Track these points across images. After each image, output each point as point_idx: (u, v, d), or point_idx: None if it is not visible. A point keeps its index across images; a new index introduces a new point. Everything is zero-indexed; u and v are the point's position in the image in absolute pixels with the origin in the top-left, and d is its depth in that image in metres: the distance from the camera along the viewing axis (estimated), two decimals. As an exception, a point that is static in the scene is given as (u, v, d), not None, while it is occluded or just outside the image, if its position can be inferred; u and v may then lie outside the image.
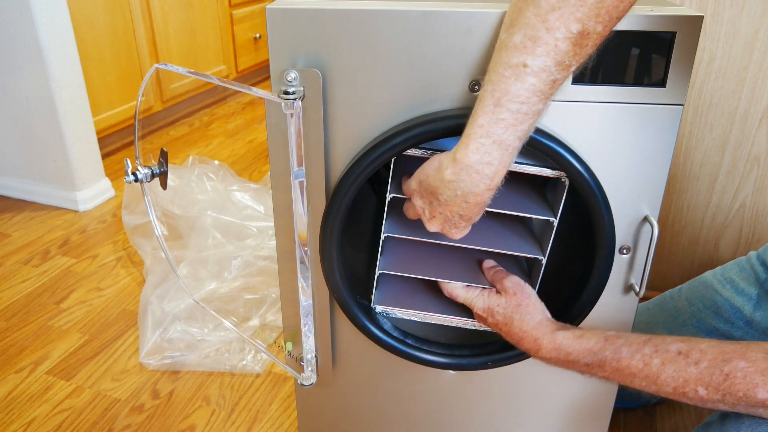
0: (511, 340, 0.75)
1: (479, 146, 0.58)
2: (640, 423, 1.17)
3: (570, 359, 0.68)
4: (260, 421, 1.19)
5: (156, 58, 2.47)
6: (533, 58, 0.54)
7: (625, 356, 0.64)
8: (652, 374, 0.61)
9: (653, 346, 0.62)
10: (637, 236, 0.74)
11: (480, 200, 0.62)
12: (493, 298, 0.77)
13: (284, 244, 0.81)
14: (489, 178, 0.59)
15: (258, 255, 1.56)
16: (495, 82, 0.56)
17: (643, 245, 0.74)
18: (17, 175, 2.06)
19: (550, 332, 0.71)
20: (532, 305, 0.74)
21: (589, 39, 0.54)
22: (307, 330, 0.84)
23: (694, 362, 0.59)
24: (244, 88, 0.71)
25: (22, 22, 1.75)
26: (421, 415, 0.94)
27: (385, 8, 0.65)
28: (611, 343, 0.65)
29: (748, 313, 0.94)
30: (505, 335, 0.75)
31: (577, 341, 0.68)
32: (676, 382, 0.60)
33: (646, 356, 0.62)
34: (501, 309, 0.75)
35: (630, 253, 0.75)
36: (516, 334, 0.73)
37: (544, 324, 0.72)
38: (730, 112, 1.23)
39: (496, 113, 0.56)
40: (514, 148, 0.59)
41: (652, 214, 0.72)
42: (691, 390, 0.59)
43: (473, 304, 0.78)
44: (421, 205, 0.67)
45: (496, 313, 0.76)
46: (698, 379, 0.58)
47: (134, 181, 0.82)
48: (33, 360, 1.35)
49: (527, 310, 0.74)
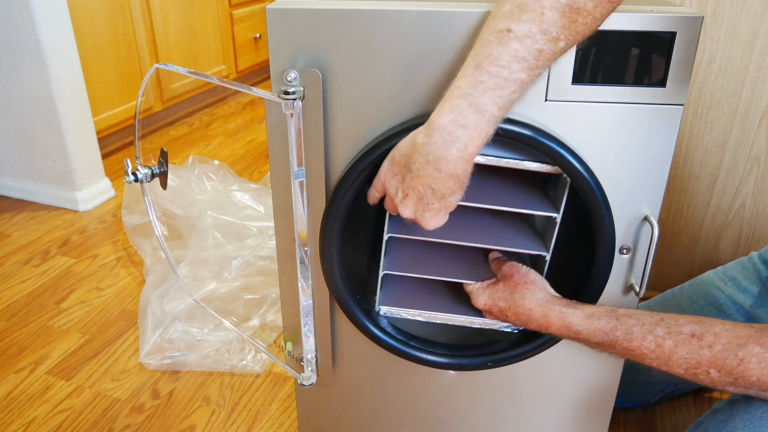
0: (521, 324, 0.73)
1: (454, 107, 0.57)
2: (640, 422, 1.17)
3: (580, 338, 0.67)
4: (260, 421, 1.19)
5: (156, 58, 2.47)
6: (518, 23, 0.54)
7: (636, 336, 0.62)
8: (664, 355, 0.61)
9: (666, 327, 0.61)
10: (637, 236, 0.74)
11: (453, 170, 0.59)
12: (492, 288, 0.76)
13: (284, 244, 0.81)
14: (462, 143, 0.57)
15: (258, 255, 1.56)
16: (478, 47, 0.56)
17: (643, 245, 0.74)
18: (17, 175, 2.06)
19: (558, 309, 0.69)
20: (530, 282, 0.73)
21: (579, 15, 0.54)
22: (307, 330, 0.84)
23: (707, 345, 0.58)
24: (244, 88, 0.71)
25: (22, 22, 1.75)
26: (421, 415, 0.94)
27: (385, 8, 0.65)
28: (622, 323, 0.64)
29: (750, 310, 0.94)
30: (514, 321, 0.73)
31: (587, 320, 0.66)
32: (689, 363, 0.60)
33: (658, 338, 0.61)
34: (501, 294, 0.74)
35: (630, 253, 0.75)
36: (523, 315, 0.71)
37: (548, 300, 0.70)
38: (730, 112, 1.23)
39: (475, 76, 0.56)
40: (491, 115, 0.57)
41: (652, 214, 0.72)
42: (702, 372, 0.59)
43: (475, 298, 0.77)
44: (394, 185, 0.64)
45: (499, 300, 0.74)
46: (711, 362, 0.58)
47: (134, 181, 0.82)
48: (33, 360, 1.35)
49: (526, 287, 0.73)
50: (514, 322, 0.74)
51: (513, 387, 0.89)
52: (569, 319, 0.67)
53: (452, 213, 0.81)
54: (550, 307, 0.70)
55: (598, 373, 0.86)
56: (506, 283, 0.75)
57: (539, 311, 0.70)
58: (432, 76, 0.67)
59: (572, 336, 0.68)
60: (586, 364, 0.85)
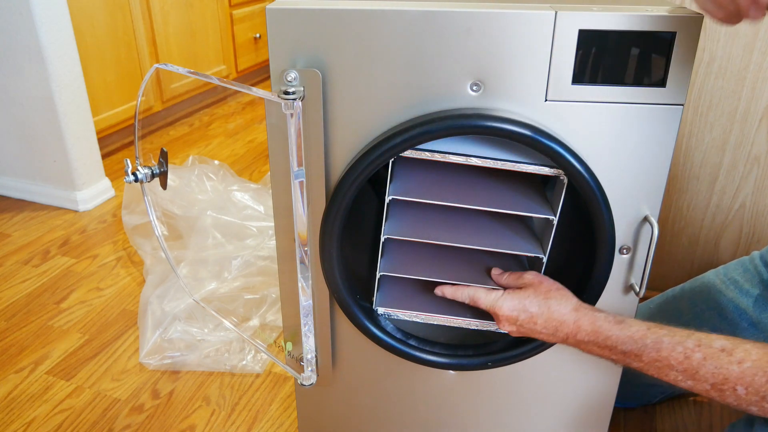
0: (547, 332, 0.72)
1: None
2: (641, 423, 1.17)
3: (608, 344, 0.66)
4: (260, 421, 1.19)
5: (156, 58, 2.47)
6: None
7: (666, 346, 0.62)
8: (691, 368, 0.60)
9: (696, 340, 0.61)
10: (637, 236, 0.74)
11: None
12: (520, 294, 0.74)
13: (284, 244, 0.81)
14: None
15: (258, 255, 1.56)
16: None
17: (643, 245, 0.74)
18: (17, 175, 2.06)
19: (591, 313, 0.69)
20: (562, 289, 0.73)
21: None
22: (307, 330, 0.84)
23: (737, 361, 0.58)
24: (244, 88, 0.71)
25: (22, 22, 1.75)
26: (421, 415, 0.94)
27: (385, 8, 0.65)
28: (653, 332, 0.64)
29: (753, 314, 0.93)
30: (543, 327, 0.72)
31: (617, 326, 0.67)
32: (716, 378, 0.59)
33: (688, 349, 0.61)
34: (533, 299, 0.73)
35: (630, 253, 0.75)
36: (556, 320, 0.71)
37: (582, 306, 0.71)
38: (730, 112, 1.23)
39: None
40: None
41: (652, 214, 0.72)
42: (729, 388, 0.59)
43: (500, 305, 0.75)
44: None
45: (530, 305, 0.73)
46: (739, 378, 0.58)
47: (134, 181, 0.82)
48: (33, 360, 1.35)
49: (560, 293, 0.72)
50: (541, 330, 0.73)
51: (513, 387, 0.89)
52: (600, 323, 0.68)
53: (450, 214, 0.81)
54: (584, 312, 0.70)
55: (599, 373, 0.86)
56: (537, 289, 0.74)
57: (573, 316, 0.70)
58: (432, 76, 0.67)
59: (600, 341, 0.68)
60: (587, 365, 0.85)
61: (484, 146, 0.73)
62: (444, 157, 0.72)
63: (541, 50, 0.65)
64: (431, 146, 0.71)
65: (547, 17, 0.63)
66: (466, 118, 0.66)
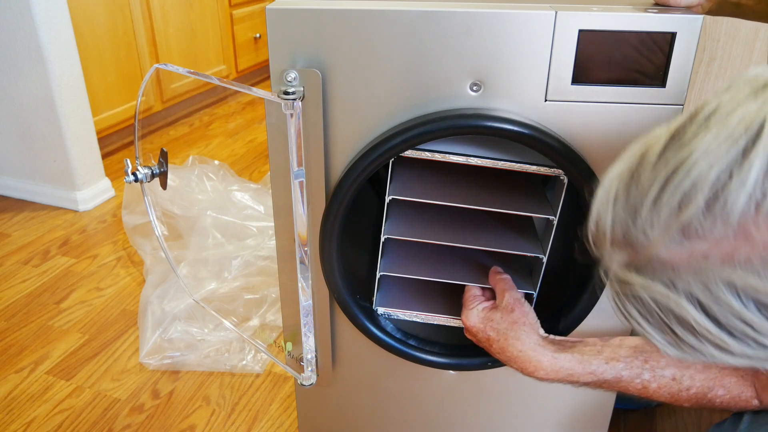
0: (501, 358, 0.74)
1: None
2: (641, 424, 1.17)
3: (571, 379, 0.71)
4: (260, 421, 1.19)
5: (156, 58, 2.47)
6: None
7: (625, 380, 0.69)
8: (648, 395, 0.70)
9: (651, 371, 0.68)
10: (637, 236, 0.74)
11: None
12: (488, 313, 0.76)
13: (284, 244, 0.81)
14: None
15: (258, 255, 1.56)
16: None
17: (643, 245, 0.74)
18: (17, 175, 2.06)
19: (550, 355, 0.71)
20: (528, 324, 0.74)
21: None
22: (307, 330, 0.84)
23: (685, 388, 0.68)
24: (244, 88, 0.71)
25: (22, 22, 1.75)
26: (420, 415, 0.94)
27: (385, 8, 0.65)
28: (612, 366, 0.69)
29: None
30: (495, 353, 0.75)
31: (579, 365, 0.70)
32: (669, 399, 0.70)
33: (645, 381, 0.69)
34: (496, 325, 0.74)
35: (630, 254, 0.75)
36: (509, 354, 0.73)
37: (541, 345, 0.72)
38: (730, 112, 1.23)
39: None
40: None
41: (652, 214, 0.72)
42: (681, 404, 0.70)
43: (467, 316, 0.77)
44: None
45: (490, 329, 0.75)
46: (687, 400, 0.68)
47: (134, 181, 0.82)
48: (33, 360, 1.35)
49: (523, 329, 0.73)
50: (493, 354, 0.75)
51: (513, 387, 0.89)
52: (561, 364, 0.71)
53: (450, 214, 0.81)
54: (543, 351, 0.71)
55: (598, 373, 0.86)
56: (504, 315, 0.74)
57: (530, 355, 0.71)
58: (432, 76, 0.67)
59: (562, 377, 0.71)
60: (586, 365, 0.85)
61: (484, 146, 0.73)
62: (444, 157, 0.72)
63: (541, 50, 0.65)
64: (431, 146, 0.71)
65: (547, 17, 0.63)
66: (466, 118, 0.67)
